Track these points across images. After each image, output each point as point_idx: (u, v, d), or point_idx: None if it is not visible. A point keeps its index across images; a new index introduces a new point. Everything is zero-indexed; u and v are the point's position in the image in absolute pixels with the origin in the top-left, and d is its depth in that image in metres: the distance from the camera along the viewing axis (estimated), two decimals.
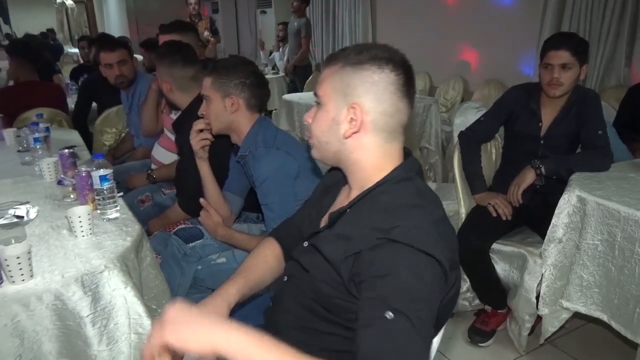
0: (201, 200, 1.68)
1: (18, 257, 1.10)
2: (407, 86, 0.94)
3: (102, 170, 1.44)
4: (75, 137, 2.74)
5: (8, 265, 1.10)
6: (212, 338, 0.69)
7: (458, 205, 2.21)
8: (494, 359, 2.03)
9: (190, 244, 1.69)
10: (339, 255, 0.88)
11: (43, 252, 1.27)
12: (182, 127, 1.91)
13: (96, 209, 1.50)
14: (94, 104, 3.45)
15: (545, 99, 2.02)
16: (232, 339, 0.69)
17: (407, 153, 0.98)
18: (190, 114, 1.89)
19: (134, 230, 1.42)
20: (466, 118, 3.08)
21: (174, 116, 2.26)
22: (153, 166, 2.47)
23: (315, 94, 0.97)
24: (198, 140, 1.61)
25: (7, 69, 3.32)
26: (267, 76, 5.79)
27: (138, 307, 1.24)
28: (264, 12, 7.81)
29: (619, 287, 1.62)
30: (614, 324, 1.67)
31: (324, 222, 1.03)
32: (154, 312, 1.43)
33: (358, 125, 0.92)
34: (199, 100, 1.91)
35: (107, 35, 3.68)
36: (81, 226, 1.34)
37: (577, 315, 1.89)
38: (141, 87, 2.70)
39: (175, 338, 0.70)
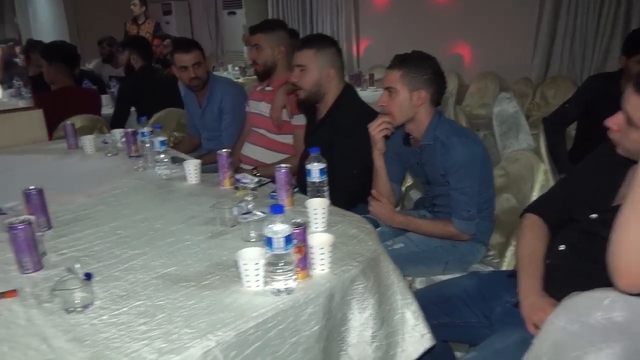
0: (373, 191, 1.76)
1: (331, 246, 1.15)
2: None
3: (319, 164, 1.49)
4: None
5: (322, 254, 1.14)
6: None
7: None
8: None
9: None
10: None
11: None
12: (332, 125, 1.95)
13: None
14: (132, 108, 3.32)
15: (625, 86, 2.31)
16: None
17: None
18: (340, 112, 1.95)
19: (357, 218, 1.49)
20: (503, 107, 3.39)
21: (288, 118, 2.28)
22: (245, 165, 2.46)
23: None
24: (380, 130, 1.69)
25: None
26: (254, 77, 5.81)
27: (405, 287, 1.32)
28: (233, 13, 7.70)
29: None
30: None
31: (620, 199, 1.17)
32: None
33: None
34: (343, 97, 1.98)
35: (141, 38, 3.53)
36: (323, 218, 1.38)
37: None
38: (218, 90, 2.66)
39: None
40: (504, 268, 1.76)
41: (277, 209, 1.03)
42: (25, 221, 1.18)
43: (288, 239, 1.02)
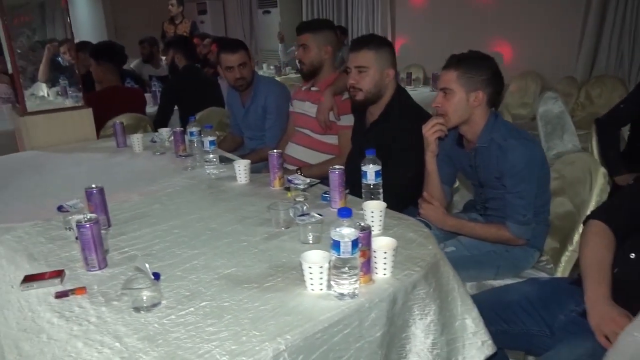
0: (424, 194, 1.73)
1: (394, 250, 1.13)
2: None
3: (374, 165, 1.48)
4: None
5: (385, 258, 1.13)
6: None
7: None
8: None
9: None
10: None
11: None
12: (386, 127, 1.93)
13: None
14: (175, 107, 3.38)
15: None
16: None
17: None
18: (394, 114, 1.92)
19: (413, 221, 1.47)
20: (548, 107, 3.30)
21: (335, 119, 2.26)
22: (288, 165, 2.46)
23: None
24: (433, 132, 1.66)
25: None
26: (290, 76, 5.82)
27: (465, 292, 1.29)
28: (268, 12, 7.74)
29: None
30: None
31: None
32: None
33: None
34: (396, 98, 1.96)
35: (185, 38, 3.59)
36: (380, 221, 1.37)
37: None
38: (262, 90, 2.67)
39: None
40: (558, 275, 1.71)
41: (345, 213, 1.02)
42: (92, 220, 1.20)
43: (355, 243, 1.01)
